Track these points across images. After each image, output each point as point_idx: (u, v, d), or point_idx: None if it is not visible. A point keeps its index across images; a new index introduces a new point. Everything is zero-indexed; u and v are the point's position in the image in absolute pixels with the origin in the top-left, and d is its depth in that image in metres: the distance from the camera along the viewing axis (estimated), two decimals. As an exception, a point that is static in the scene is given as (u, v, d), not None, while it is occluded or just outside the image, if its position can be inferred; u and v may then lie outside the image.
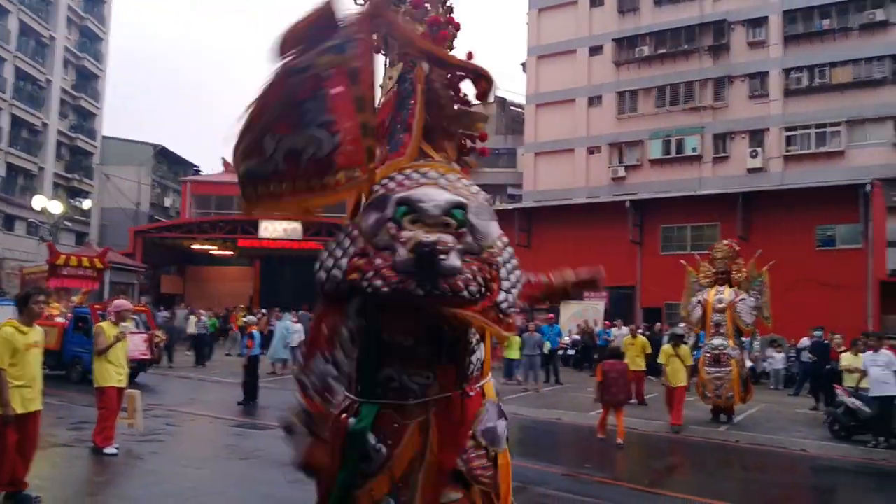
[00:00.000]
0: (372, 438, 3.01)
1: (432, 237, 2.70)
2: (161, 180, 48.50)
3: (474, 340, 3.23)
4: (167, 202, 48.42)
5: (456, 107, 3.45)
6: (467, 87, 3.44)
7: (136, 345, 15.57)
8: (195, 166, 53.53)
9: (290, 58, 2.88)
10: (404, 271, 2.66)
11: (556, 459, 10.32)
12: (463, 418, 3.15)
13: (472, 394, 3.24)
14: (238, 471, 8.73)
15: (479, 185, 3.28)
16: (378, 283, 2.67)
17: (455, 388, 3.16)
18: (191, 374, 18.99)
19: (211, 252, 38.17)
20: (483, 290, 2.76)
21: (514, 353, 17.44)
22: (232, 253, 38.02)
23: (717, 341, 13.37)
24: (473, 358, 3.26)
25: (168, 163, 50.19)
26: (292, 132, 2.79)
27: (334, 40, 2.84)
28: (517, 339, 16.51)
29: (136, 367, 15.84)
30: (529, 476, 8.52)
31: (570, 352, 23.71)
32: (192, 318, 22.94)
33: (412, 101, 3.31)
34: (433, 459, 3.03)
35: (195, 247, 37.07)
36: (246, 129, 2.88)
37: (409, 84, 3.34)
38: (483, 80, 3.27)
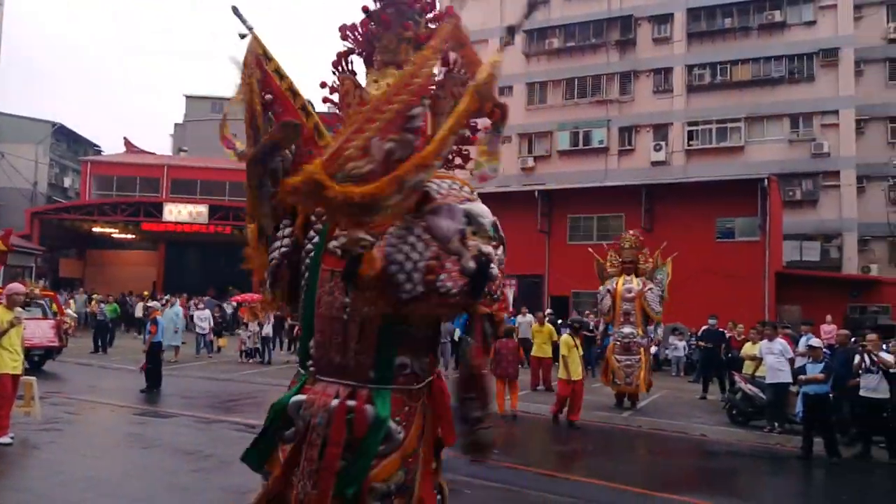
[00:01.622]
0: (392, 423, 3.17)
1: (488, 249, 3.11)
2: (60, 160, 45.88)
3: None
4: (66, 182, 45.85)
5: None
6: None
7: (44, 331, 15.14)
8: (96, 146, 51.18)
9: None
10: (468, 276, 2.97)
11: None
12: (446, 397, 3.54)
13: (442, 376, 3.65)
14: (140, 460, 8.49)
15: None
16: (449, 284, 2.94)
17: (435, 371, 3.55)
18: (91, 361, 18.23)
19: (112, 235, 36.57)
20: (500, 292, 3.33)
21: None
22: (134, 236, 36.52)
23: (626, 329, 13.54)
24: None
25: (67, 141, 47.55)
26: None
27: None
28: None
29: (44, 354, 15.46)
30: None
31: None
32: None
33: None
34: (429, 436, 3.39)
35: (96, 229, 35.63)
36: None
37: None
38: (499, 110, 3.52)
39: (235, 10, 3.36)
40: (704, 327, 17.14)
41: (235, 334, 22.97)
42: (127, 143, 45.79)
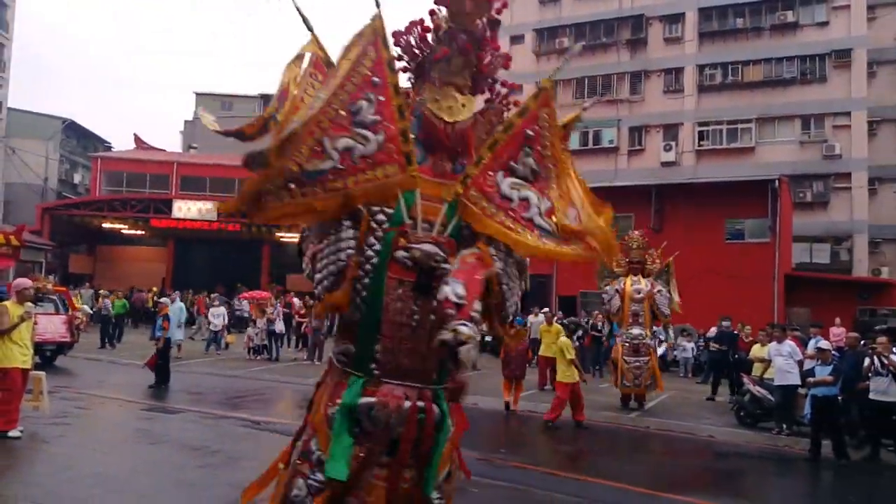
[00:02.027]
0: (449, 420, 3.59)
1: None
2: (70, 155, 46.26)
3: None
4: (76, 178, 46.18)
5: None
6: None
7: (56, 327, 15.18)
8: (106, 142, 51.61)
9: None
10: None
11: (472, 444, 10.19)
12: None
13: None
14: (148, 455, 8.47)
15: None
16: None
17: None
18: (100, 357, 18.27)
19: (122, 231, 36.74)
20: None
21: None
22: (144, 233, 36.69)
23: (635, 331, 13.44)
24: None
25: (77, 137, 47.95)
26: (346, 132, 3.29)
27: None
28: None
29: (55, 349, 15.49)
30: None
31: (488, 338, 23.64)
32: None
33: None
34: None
35: (106, 225, 35.79)
36: (300, 134, 3.23)
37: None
38: None
39: None
40: (715, 328, 17.09)
41: (242, 332, 23.02)
42: (137, 139, 46.03)
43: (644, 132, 32.15)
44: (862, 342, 12.27)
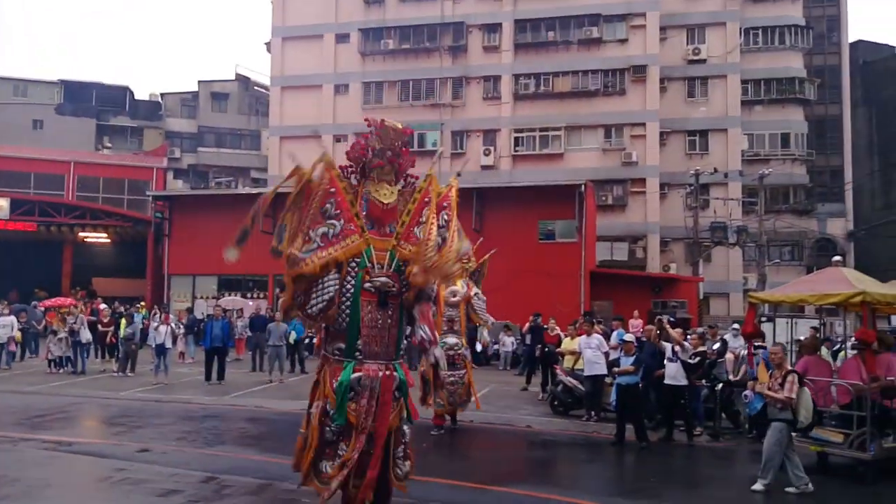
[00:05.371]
0: (406, 379, 6.04)
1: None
2: None
3: None
4: None
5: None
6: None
7: None
8: None
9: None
10: None
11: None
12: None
13: None
14: None
15: (221, 167, 4.31)
16: None
17: None
18: None
19: None
20: None
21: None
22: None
23: (451, 340, 11.43)
24: None
25: None
26: (321, 224, 5.67)
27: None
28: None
29: None
30: (273, 472, 8.27)
31: (315, 340, 23.39)
32: None
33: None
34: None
35: None
36: (295, 232, 5.64)
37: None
38: None
39: (316, 133, 7.73)
40: (528, 324, 18.18)
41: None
42: None
43: (465, 136, 33.38)
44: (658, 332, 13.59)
